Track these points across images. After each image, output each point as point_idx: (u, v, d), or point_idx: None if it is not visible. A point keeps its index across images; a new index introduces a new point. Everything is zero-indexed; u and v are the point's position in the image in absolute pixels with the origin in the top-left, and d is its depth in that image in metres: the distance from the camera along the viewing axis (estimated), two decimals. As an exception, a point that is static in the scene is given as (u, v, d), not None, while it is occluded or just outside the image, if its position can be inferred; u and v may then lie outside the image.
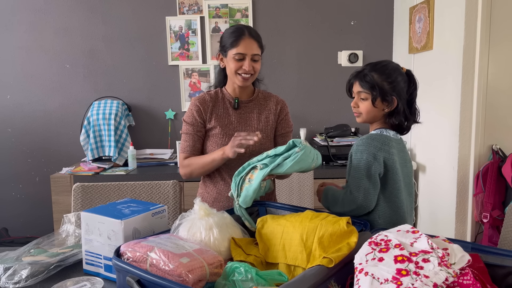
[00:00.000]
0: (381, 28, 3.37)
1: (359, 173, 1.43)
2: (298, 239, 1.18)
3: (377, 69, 1.49)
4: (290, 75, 3.38)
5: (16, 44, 3.30)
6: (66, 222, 1.54)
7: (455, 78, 2.42)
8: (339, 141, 3.07)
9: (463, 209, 2.44)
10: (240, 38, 1.64)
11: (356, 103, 1.54)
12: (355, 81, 1.54)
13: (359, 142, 1.50)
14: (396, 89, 1.48)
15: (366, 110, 1.51)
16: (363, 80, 1.50)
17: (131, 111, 3.33)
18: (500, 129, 2.41)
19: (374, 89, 1.47)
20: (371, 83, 1.48)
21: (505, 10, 2.34)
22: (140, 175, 2.87)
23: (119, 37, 3.33)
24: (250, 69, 1.65)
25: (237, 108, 1.76)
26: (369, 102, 1.50)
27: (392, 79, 1.48)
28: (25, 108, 3.36)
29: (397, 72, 1.51)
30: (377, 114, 1.51)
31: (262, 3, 3.33)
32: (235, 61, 1.65)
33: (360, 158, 1.45)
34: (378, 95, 1.47)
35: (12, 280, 1.21)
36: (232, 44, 1.65)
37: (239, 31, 1.66)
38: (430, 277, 0.86)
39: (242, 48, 1.64)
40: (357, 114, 1.55)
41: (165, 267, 1.02)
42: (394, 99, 1.48)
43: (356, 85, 1.53)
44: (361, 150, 1.46)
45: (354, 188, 1.43)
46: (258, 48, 1.68)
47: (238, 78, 1.68)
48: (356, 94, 1.54)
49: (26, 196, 3.41)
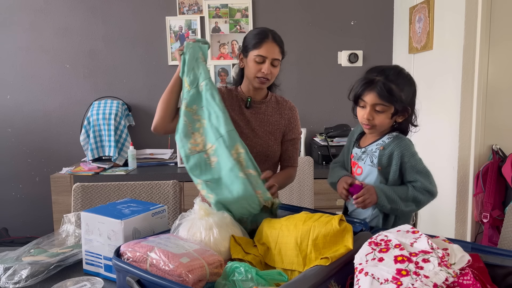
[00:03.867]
0: (381, 28, 3.37)
1: (425, 169, 1.46)
2: (293, 243, 1.17)
3: (392, 80, 1.40)
4: (290, 75, 3.38)
5: (16, 44, 3.30)
6: (66, 222, 1.54)
7: (455, 78, 2.42)
8: (339, 141, 3.07)
9: (463, 209, 2.44)
10: (263, 40, 1.65)
11: (371, 115, 1.43)
12: (369, 92, 1.41)
13: (399, 144, 1.45)
14: (409, 99, 1.44)
15: (382, 123, 1.44)
16: (382, 91, 1.39)
17: (131, 111, 3.33)
18: (500, 129, 2.41)
19: (396, 102, 1.39)
20: (391, 95, 1.39)
21: (505, 10, 2.34)
22: (140, 175, 2.87)
23: (119, 37, 3.33)
24: (268, 72, 1.65)
25: (248, 108, 1.76)
26: (386, 115, 1.42)
27: (407, 90, 1.42)
28: (25, 108, 3.36)
29: (409, 81, 1.45)
30: (389, 125, 1.48)
31: (262, 3, 3.33)
32: (255, 63, 1.65)
33: (415, 152, 1.46)
34: (399, 108, 1.40)
35: (12, 280, 1.21)
36: (254, 46, 1.65)
37: (263, 33, 1.67)
38: (430, 277, 0.86)
39: (264, 51, 1.64)
40: (369, 126, 1.45)
41: (165, 267, 1.02)
42: (409, 110, 1.44)
43: (372, 96, 1.41)
44: (407, 146, 1.45)
45: (429, 185, 1.44)
46: (279, 53, 1.68)
47: (255, 81, 1.68)
48: (369, 106, 1.42)
49: (26, 196, 3.41)
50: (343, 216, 1.20)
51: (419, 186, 1.43)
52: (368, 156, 1.51)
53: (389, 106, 1.41)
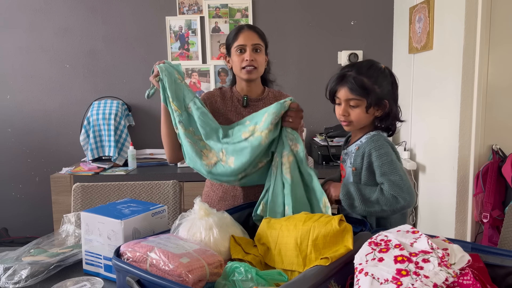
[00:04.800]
0: (381, 28, 3.37)
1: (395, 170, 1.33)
2: (293, 243, 1.17)
3: (363, 72, 1.38)
4: (290, 75, 3.38)
5: (16, 44, 3.30)
6: (66, 222, 1.54)
7: (455, 78, 2.42)
8: (339, 141, 3.07)
9: (463, 209, 2.44)
10: (240, 31, 1.69)
11: (346, 111, 1.41)
12: (341, 87, 1.40)
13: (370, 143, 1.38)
14: (385, 92, 1.40)
15: (358, 118, 1.41)
16: (352, 85, 1.37)
17: (131, 111, 3.33)
18: (500, 129, 2.41)
19: (368, 95, 1.36)
20: (363, 88, 1.36)
21: (505, 10, 2.34)
22: (140, 175, 2.87)
23: (119, 37, 3.33)
24: (251, 59, 1.65)
25: (246, 106, 1.75)
26: (361, 109, 1.39)
27: (381, 82, 1.39)
28: (25, 108, 3.36)
29: (383, 73, 1.41)
30: (368, 120, 1.43)
31: (262, 3, 3.33)
32: (237, 55, 1.67)
33: (387, 152, 1.35)
34: (373, 101, 1.37)
35: (12, 280, 1.21)
36: (233, 40, 1.69)
37: (239, 26, 1.72)
38: (430, 277, 0.86)
39: (242, 39, 1.67)
40: (347, 123, 1.44)
41: (165, 267, 1.02)
42: (386, 102, 1.40)
43: (344, 91, 1.40)
44: (379, 147, 1.36)
45: (396, 188, 1.31)
46: (258, 38, 1.69)
47: (242, 72, 1.68)
48: (343, 102, 1.41)
49: (26, 196, 3.41)
50: (343, 216, 1.20)
51: (386, 189, 1.34)
52: (348, 158, 1.50)
53: (362, 99, 1.38)
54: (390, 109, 1.42)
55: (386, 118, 1.44)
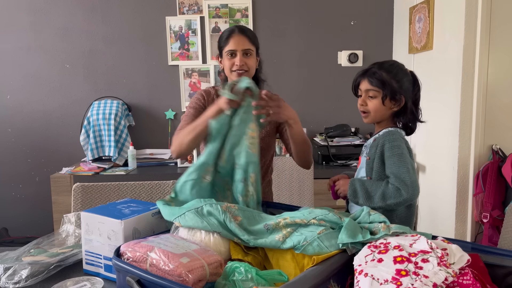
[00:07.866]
0: (381, 28, 3.37)
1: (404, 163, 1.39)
2: (290, 255, 1.16)
3: (384, 68, 1.50)
4: (290, 75, 3.38)
5: (16, 44, 3.30)
6: (66, 222, 1.54)
7: (455, 78, 2.42)
8: (339, 141, 3.07)
9: (463, 209, 2.44)
10: (231, 35, 1.69)
11: (364, 101, 1.52)
12: (362, 79, 1.52)
13: (386, 136, 1.46)
14: (403, 88, 1.48)
15: (375, 109, 1.50)
16: (372, 77, 1.49)
17: (131, 111, 3.33)
18: (500, 129, 2.41)
19: (384, 86, 1.47)
20: (380, 81, 1.47)
21: (505, 11, 2.34)
22: (140, 175, 2.87)
23: (119, 37, 3.33)
24: (241, 64, 1.67)
25: None
26: (378, 100, 1.49)
27: (399, 78, 1.49)
28: (25, 108, 3.36)
29: (403, 72, 1.52)
30: (385, 113, 1.51)
31: (262, 3, 3.33)
32: (228, 58, 1.69)
33: (399, 145, 1.42)
34: (388, 93, 1.46)
35: (12, 280, 1.21)
36: (224, 43, 1.71)
37: (230, 30, 1.72)
38: (430, 277, 0.86)
39: (232, 44, 1.68)
40: (365, 113, 1.53)
41: (165, 267, 1.02)
42: (402, 98, 1.48)
43: (364, 83, 1.51)
44: (393, 140, 1.43)
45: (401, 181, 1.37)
46: (249, 43, 1.70)
47: (233, 74, 1.70)
48: (363, 93, 1.52)
49: (26, 196, 3.41)
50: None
51: (391, 181, 1.40)
52: (366, 149, 1.57)
53: (379, 90, 1.48)
54: (406, 105, 1.49)
55: (403, 114, 1.51)
